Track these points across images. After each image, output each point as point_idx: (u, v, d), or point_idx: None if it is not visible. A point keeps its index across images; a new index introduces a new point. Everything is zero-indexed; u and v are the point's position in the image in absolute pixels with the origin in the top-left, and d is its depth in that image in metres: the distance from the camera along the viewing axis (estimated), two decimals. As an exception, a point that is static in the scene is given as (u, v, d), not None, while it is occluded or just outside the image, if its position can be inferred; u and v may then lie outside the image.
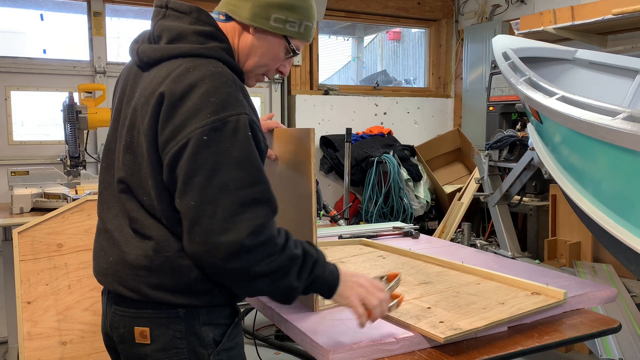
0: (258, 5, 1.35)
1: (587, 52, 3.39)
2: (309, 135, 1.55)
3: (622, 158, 1.88)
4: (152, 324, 1.31)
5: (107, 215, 1.39)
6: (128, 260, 1.31)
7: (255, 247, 1.19)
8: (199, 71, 1.24)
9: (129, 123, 1.32)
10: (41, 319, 2.76)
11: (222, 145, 1.19)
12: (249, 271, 1.21)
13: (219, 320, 1.35)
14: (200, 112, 1.19)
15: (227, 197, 1.18)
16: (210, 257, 1.19)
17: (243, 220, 1.18)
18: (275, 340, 3.63)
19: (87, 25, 4.34)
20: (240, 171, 1.20)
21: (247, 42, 1.38)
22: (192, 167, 1.19)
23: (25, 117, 4.15)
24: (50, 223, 2.86)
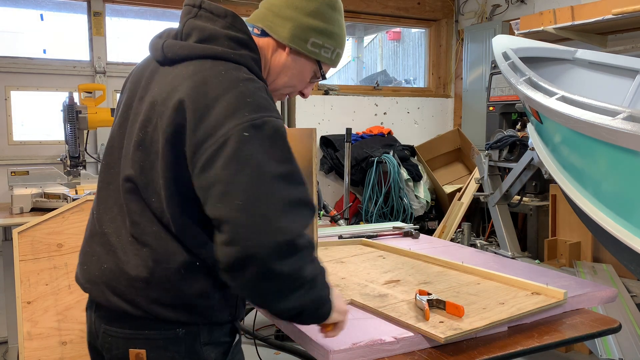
0: (299, 27, 1.32)
1: (587, 52, 3.39)
2: (310, 135, 1.55)
3: (622, 158, 1.88)
4: (148, 345, 1.22)
5: (104, 217, 1.30)
6: (125, 270, 1.21)
7: (304, 248, 1.13)
8: (231, 74, 1.19)
9: (144, 118, 1.24)
10: (41, 319, 2.76)
11: (265, 143, 1.13)
12: (297, 275, 1.12)
13: (220, 338, 1.28)
14: (239, 111, 1.13)
15: (277, 195, 1.11)
16: (260, 260, 1.07)
17: (294, 219, 1.11)
18: (275, 340, 3.63)
19: (87, 25, 4.34)
20: (285, 170, 1.14)
21: (281, 60, 1.35)
22: (236, 165, 1.10)
23: (25, 117, 4.15)
24: (50, 223, 2.86)
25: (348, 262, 2.15)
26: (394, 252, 2.27)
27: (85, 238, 1.37)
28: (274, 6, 1.35)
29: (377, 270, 2.01)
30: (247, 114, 1.13)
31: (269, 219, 1.09)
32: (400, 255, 2.23)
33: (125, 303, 1.21)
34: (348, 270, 2.01)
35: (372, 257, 2.22)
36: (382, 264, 2.10)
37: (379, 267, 2.04)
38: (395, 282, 1.84)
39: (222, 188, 1.10)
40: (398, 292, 1.73)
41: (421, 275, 1.93)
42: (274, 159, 1.13)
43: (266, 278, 1.09)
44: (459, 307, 1.48)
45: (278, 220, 1.09)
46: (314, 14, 1.33)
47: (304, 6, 1.32)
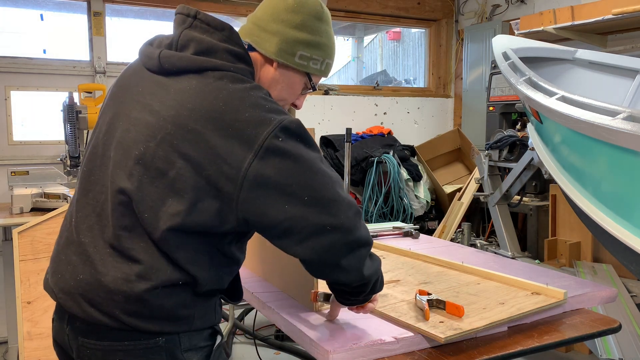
0: (285, 41, 1.32)
1: (587, 52, 3.39)
2: (309, 135, 1.55)
3: (622, 158, 1.88)
4: (128, 356, 1.19)
5: (81, 225, 1.25)
6: (104, 282, 1.17)
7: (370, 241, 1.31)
8: (239, 85, 1.21)
9: (146, 132, 1.20)
10: (41, 319, 2.76)
11: (300, 144, 1.18)
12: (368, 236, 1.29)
13: (200, 343, 1.26)
14: (264, 120, 1.16)
15: (336, 189, 1.21)
16: (359, 278, 1.29)
17: (362, 230, 1.26)
18: (275, 340, 3.63)
19: (87, 25, 4.34)
20: (326, 164, 1.23)
21: (269, 75, 1.35)
22: (288, 174, 1.16)
23: (25, 117, 4.15)
24: (50, 223, 2.86)
25: (348, 262, 2.14)
26: (394, 252, 2.27)
27: (60, 244, 1.32)
28: (260, 20, 1.34)
29: (377, 270, 2.01)
30: (272, 120, 1.16)
31: (348, 218, 1.21)
32: (400, 255, 2.23)
33: (102, 315, 1.18)
34: (348, 270, 2.01)
35: (372, 257, 2.22)
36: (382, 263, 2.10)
37: (379, 267, 2.04)
38: (395, 282, 1.84)
39: (283, 190, 1.16)
40: (398, 292, 1.73)
41: (421, 275, 1.93)
42: (314, 158, 1.20)
43: (360, 259, 1.28)
44: (459, 307, 1.48)
45: (354, 217, 1.23)
46: (300, 26, 1.32)
47: (290, 19, 1.31)
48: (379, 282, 1.39)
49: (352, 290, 1.35)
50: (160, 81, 1.26)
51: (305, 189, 1.17)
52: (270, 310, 1.67)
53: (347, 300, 1.41)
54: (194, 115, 1.16)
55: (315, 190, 1.18)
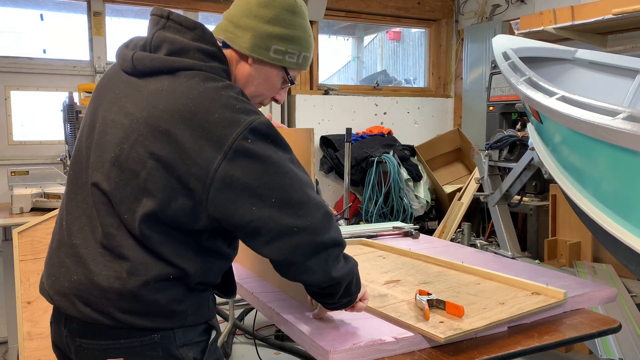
0: (258, 36, 1.31)
1: (587, 52, 3.39)
2: (308, 135, 1.55)
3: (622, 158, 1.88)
4: (125, 353, 1.21)
5: (73, 227, 1.27)
6: (97, 282, 1.20)
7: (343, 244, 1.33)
8: (211, 84, 1.21)
9: (120, 134, 1.22)
10: (41, 319, 2.76)
11: (269, 145, 1.19)
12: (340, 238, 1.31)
13: (196, 338, 1.29)
14: (234, 120, 1.16)
15: (305, 191, 1.22)
16: (329, 280, 1.29)
17: (333, 231, 1.27)
18: (275, 340, 3.63)
19: (87, 25, 4.34)
20: (296, 165, 1.25)
21: (245, 71, 1.35)
22: (256, 176, 1.17)
23: (25, 117, 4.15)
24: (50, 223, 2.86)
25: (348, 262, 2.15)
26: (394, 252, 2.27)
27: (52, 248, 1.34)
28: (234, 17, 1.34)
29: (377, 270, 2.01)
30: (242, 121, 1.17)
31: (316, 221, 1.23)
32: (400, 255, 2.23)
33: (98, 314, 1.20)
34: (348, 270, 2.01)
35: (372, 257, 2.22)
36: (382, 264, 2.10)
37: (379, 267, 2.04)
38: (395, 282, 1.84)
39: (253, 200, 1.17)
40: (398, 292, 1.73)
41: (421, 275, 1.93)
42: (285, 159, 1.21)
43: (328, 260, 1.29)
44: (459, 307, 1.48)
45: (324, 222, 1.24)
46: (273, 20, 1.31)
47: (262, 14, 1.31)
48: (353, 284, 1.37)
49: (322, 291, 1.35)
50: (134, 83, 1.27)
51: (273, 191, 1.18)
52: (270, 310, 1.67)
53: (326, 304, 1.41)
54: (165, 116, 1.18)
55: (283, 191, 1.19)
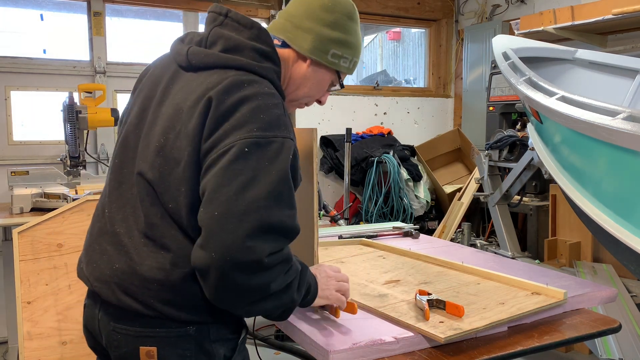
0: (319, 39, 1.36)
1: (587, 52, 3.39)
2: (311, 135, 1.55)
3: (622, 158, 1.88)
4: (159, 343, 1.22)
5: (116, 216, 1.29)
6: (139, 272, 1.21)
7: (274, 266, 1.14)
8: (252, 87, 1.22)
9: (167, 124, 1.24)
10: (41, 319, 2.76)
11: (262, 162, 1.14)
12: (266, 288, 1.15)
13: (228, 335, 1.30)
14: (248, 125, 1.16)
15: (254, 215, 1.10)
16: (223, 269, 1.09)
17: (267, 241, 1.12)
18: (275, 340, 3.63)
19: (87, 25, 4.34)
20: (274, 192, 1.14)
21: (302, 71, 1.39)
22: (225, 176, 1.12)
23: (25, 117, 4.15)
24: (50, 223, 2.86)
25: (348, 262, 2.15)
26: (394, 252, 2.27)
27: (93, 235, 1.36)
28: (294, 17, 1.37)
29: (377, 270, 2.01)
30: (255, 130, 1.16)
31: (240, 238, 1.09)
32: (400, 255, 2.23)
33: (138, 303, 1.22)
34: (348, 270, 2.01)
35: (372, 257, 2.22)
36: (382, 264, 2.10)
37: (379, 267, 2.04)
38: (395, 282, 1.84)
39: (208, 195, 1.13)
40: (398, 292, 1.73)
41: (421, 275, 1.93)
42: (265, 180, 1.13)
43: (228, 289, 1.12)
44: (459, 307, 1.48)
45: (249, 240, 1.09)
46: (333, 25, 1.36)
47: (324, 17, 1.35)
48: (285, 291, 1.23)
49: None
50: (187, 77, 1.29)
51: (221, 206, 1.12)
52: (270, 310, 1.67)
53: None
54: (201, 105, 1.20)
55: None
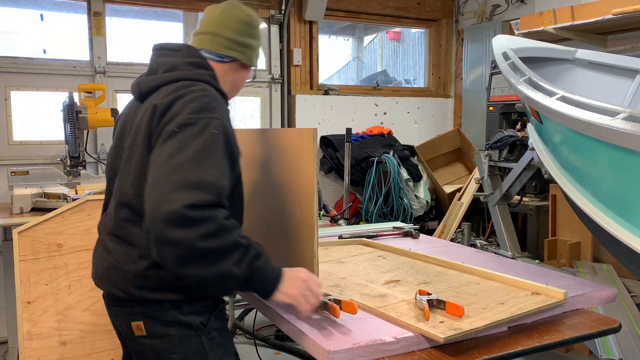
0: (251, 48, 1.72)
1: (587, 52, 3.38)
2: (311, 135, 1.56)
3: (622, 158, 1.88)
4: (144, 318, 1.51)
5: (104, 225, 1.63)
6: (118, 266, 1.53)
7: (196, 220, 1.30)
8: (188, 88, 1.51)
9: (131, 141, 1.55)
10: (41, 319, 2.76)
11: (188, 138, 1.39)
12: (191, 245, 1.29)
13: (201, 310, 1.53)
14: (181, 113, 1.43)
15: (178, 174, 1.34)
16: (155, 225, 1.30)
17: (186, 194, 1.31)
18: (275, 340, 3.63)
19: (87, 25, 4.34)
20: (197, 159, 1.37)
21: (242, 76, 1.74)
22: (158, 152, 1.41)
23: (25, 117, 4.15)
24: (50, 223, 2.86)
25: (348, 262, 2.15)
26: (394, 252, 2.27)
27: (96, 242, 1.69)
28: (234, 34, 1.69)
29: (377, 270, 2.01)
30: (185, 114, 1.43)
31: (165, 191, 1.32)
32: (400, 255, 2.23)
33: (121, 291, 1.53)
34: (348, 270, 2.01)
35: (372, 257, 2.23)
36: (382, 264, 2.10)
37: (379, 267, 2.05)
38: (395, 282, 1.84)
39: (149, 167, 1.41)
40: (398, 292, 1.73)
41: (421, 275, 1.93)
42: (189, 150, 1.37)
43: (162, 242, 1.32)
44: (459, 307, 1.48)
45: (171, 193, 1.32)
46: (256, 36, 1.75)
47: (250, 32, 1.72)
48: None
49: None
50: (143, 104, 1.58)
51: (153, 172, 1.39)
52: (270, 310, 1.67)
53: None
54: (149, 112, 1.51)
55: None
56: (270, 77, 5.06)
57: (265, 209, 1.92)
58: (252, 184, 2.02)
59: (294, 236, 1.70)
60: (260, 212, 1.96)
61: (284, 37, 5.02)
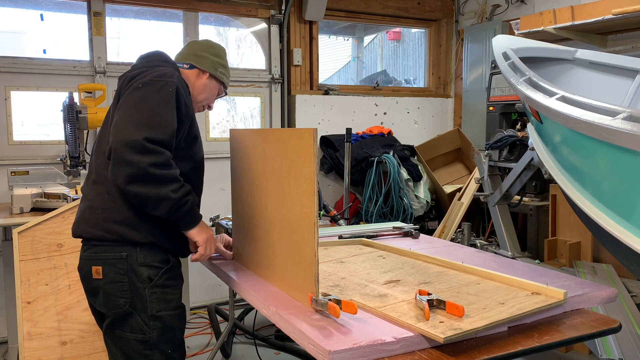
0: (212, 61, 2.16)
1: (587, 52, 3.38)
2: (311, 135, 1.56)
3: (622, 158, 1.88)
4: (104, 263, 1.83)
5: (86, 184, 1.97)
6: (91, 205, 1.88)
7: (151, 151, 1.71)
8: (154, 66, 1.93)
9: (111, 111, 1.94)
10: (41, 319, 2.76)
11: (151, 92, 1.81)
12: (145, 169, 1.70)
13: (153, 263, 1.85)
14: (145, 76, 1.86)
15: (141, 115, 1.76)
16: (117, 147, 1.70)
17: (147, 130, 1.72)
18: (275, 340, 3.63)
19: (87, 25, 4.34)
20: (157, 107, 1.79)
21: (202, 82, 2.14)
22: (126, 99, 1.82)
23: (25, 117, 4.15)
24: (50, 223, 2.86)
25: (348, 262, 2.15)
26: (394, 252, 2.27)
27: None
28: (195, 50, 2.17)
29: (377, 270, 2.01)
30: (147, 77, 1.85)
31: (130, 126, 1.73)
32: (400, 255, 2.23)
33: (89, 226, 1.86)
34: (348, 270, 2.01)
35: (372, 257, 2.23)
36: (382, 264, 2.10)
37: (379, 267, 2.05)
38: (395, 282, 1.84)
39: (117, 110, 1.83)
40: (398, 292, 1.73)
41: (421, 275, 1.93)
42: (151, 100, 1.79)
43: (119, 162, 1.71)
44: (459, 307, 1.48)
45: (135, 128, 1.73)
46: (217, 55, 2.18)
47: (212, 51, 2.18)
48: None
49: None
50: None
51: (119, 116, 1.80)
52: (270, 310, 1.67)
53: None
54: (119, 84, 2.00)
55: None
56: (270, 77, 5.06)
57: (265, 209, 1.92)
58: (251, 183, 2.02)
59: (294, 236, 1.70)
60: (260, 211, 1.96)
61: (284, 37, 5.02)
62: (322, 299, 1.53)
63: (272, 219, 1.86)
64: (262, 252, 1.96)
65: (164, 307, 1.85)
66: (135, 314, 1.82)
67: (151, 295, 1.83)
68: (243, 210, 2.13)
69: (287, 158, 1.71)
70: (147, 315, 1.82)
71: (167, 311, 1.86)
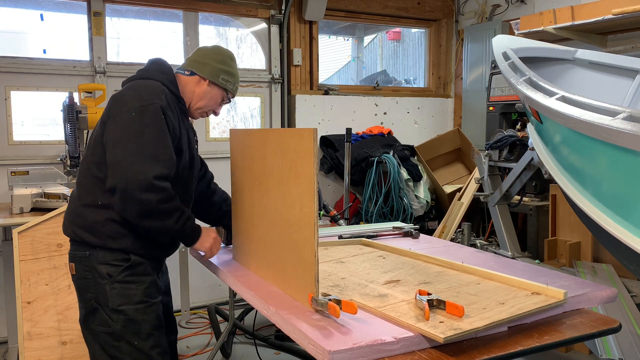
0: (214, 68, 2.16)
1: (587, 52, 3.38)
2: (311, 135, 1.56)
3: (622, 158, 1.88)
4: (75, 261, 2.01)
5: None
6: (68, 207, 2.09)
7: (160, 189, 1.86)
8: (138, 83, 2.02)
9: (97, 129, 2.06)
10: (41, 319, 2.76)
11: (143, 122, 1.89)
12: (156, 206, 1.86)
13: (111, 262, 1.96)
14: (133, 100, 1.93)
15: (142, 152, 1.86)
16: (129, 187, 1.83)
17: (150, 168, 1.85)
18: (275, 340, 3.63)
19: (87, 25, 4.34)
20: (154, 140, 1.89)
21: (202, 89, 2.16)
22: (123, 130, 1.89)
23: (25, 117, 4.15)
24: (50, 223, 2.86)
25: (348, 262, 2.15)
26: (394, 252, 2.27)
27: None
28: (198, 58, 2.18)
29: (377, 270, 2.01)
30: (137, 102, 1.92)
31: (137, 164, 1.85)
32: (400, 255, 2.23)
33: (67, 228, 2.05)
34: (348, 270, 2.01)
35: (372, 257, 2.23)
36: (382, 264, 2.10)
37: (379, 267, 2.05)
38: (395, 282, 1.84)
39: (114, 142, 1.90)
40: (398, 292, 1.73)
41: (421, 275, 1.93)
42: (149, 132, 1.88)
43: (130, 200, 1.85)
44: (459, 307, 1.48)
45: (143, 165, 1.85)
46: (221, 62, 2.18)
47: (215, 57, 2.18)
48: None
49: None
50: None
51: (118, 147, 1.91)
52: (270, 310, 1.67)
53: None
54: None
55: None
56: (270, 77, 5.06)
57: (265, 209, 1.92)
58: (252, 183, 2.02)
59: (294, 236, 1.70)
60: (260, 211, 1.96)
61: (284, 37, 5.02)
62: (322, 299, 1.54)
63: (272, 219, 1.86)
64: (262, 252, 1.96)
65: (126, 302, 1.96)
66: (100, 308, 1.96)
67: (112, 291, 1.95)
68: (243, 210, 2.13)
69: (287, 158, 1.71)
70: (109, 309, 1.95)
71: (129, 305, 1.96)
